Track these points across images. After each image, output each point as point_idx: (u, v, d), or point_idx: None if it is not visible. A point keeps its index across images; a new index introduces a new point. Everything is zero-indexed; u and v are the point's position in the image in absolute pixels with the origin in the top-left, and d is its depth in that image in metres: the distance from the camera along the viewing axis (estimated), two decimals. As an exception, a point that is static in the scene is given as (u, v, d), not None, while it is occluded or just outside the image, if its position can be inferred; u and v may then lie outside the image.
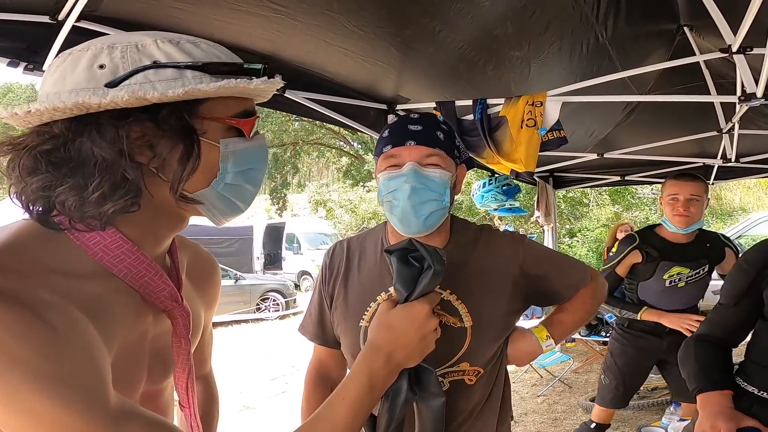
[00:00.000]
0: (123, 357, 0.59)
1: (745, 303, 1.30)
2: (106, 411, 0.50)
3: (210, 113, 0.59)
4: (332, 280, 1.11)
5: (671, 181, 2.25)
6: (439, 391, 0.83)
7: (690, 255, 2.26)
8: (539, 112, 2.11)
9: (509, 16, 1.78)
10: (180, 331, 0.66)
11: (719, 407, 1.17)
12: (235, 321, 9.17)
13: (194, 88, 0.55)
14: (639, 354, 2.43)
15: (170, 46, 0.57)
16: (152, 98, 0.53)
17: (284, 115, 14.86)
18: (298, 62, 1.97)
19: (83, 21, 1.38)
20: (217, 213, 0.64)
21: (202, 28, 1.59)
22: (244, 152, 0.63)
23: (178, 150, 0.57)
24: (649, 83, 2.69)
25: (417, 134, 0.98)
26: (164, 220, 0.63)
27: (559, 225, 12.01)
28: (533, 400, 4.24)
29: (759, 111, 2.61)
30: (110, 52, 0.56)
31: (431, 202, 0.97)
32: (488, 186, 4.15)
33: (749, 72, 1.75)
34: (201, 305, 0.79)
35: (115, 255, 0.58)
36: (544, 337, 1.06)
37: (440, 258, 0.78)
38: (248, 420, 4.38)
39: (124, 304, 0.60)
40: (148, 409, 0.59)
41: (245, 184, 0.65)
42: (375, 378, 0.71)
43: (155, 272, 0.62)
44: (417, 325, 0.75)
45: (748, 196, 13.80)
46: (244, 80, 0.58)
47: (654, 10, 2.07)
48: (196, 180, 0.60)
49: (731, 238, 2.51)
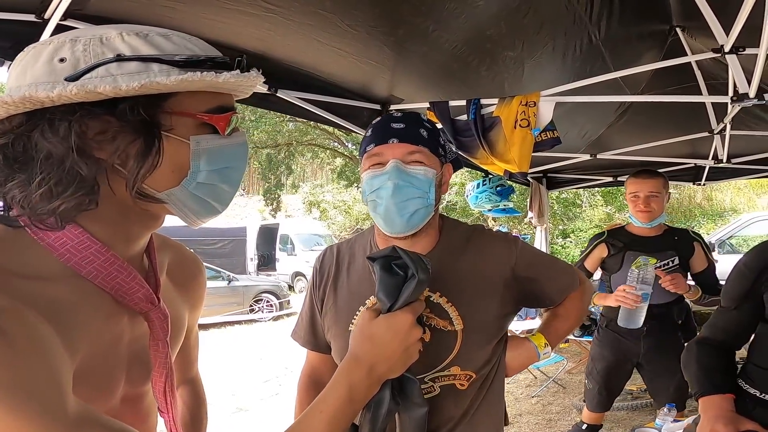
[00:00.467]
0: (94, 361, 0.57)
1: (746, 306, 1.30)
2: (63, 418, 0.48)
3: (178, 108, 0.57)
4: (322, 285, 1.10)
5: (632, 179, 2.37)
6: (422, 401, 0.81)
7: (656, 246, 2.35)
8: (533, 113, 2.11)
9: (503, 16, 1.78)
10: (157, 333, 0.64)
11: (720, 411, 1.17)
12: (228, 322, 9.12)
13: (152, 81, 0.52)
14: (617, 359, 2.48)
15: (136, 39, 0.55)
16: (105, 92, 0.51)
17: (278, 116, 14.81)
18: (291, 62, 1.95)
19: (69, 19, 1.36)
20: (190, 213, 0.61)
21: (192, 27, 1.57)
22: (218, 150, 0.60)
23: (137, 145, 0.55)
24: (641, 84, 2.70)
25: (400, 132, 0.97)
26: (135, 218, 0.61)
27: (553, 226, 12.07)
28: (527, 401, 4.25)
29: (750, 112, 2.63)
30: (72, 45, 0.54)
31: (415, 200, 0.95)
32: (482, 187, 4.15)
33: (741, 72, 1.76)
34: (184, 307, 0.77)
35: (84, 256, 0.56)
36: (542, 344, 1.06)
37: (425, 266, 0.76)
38: (241, 422, 4.35)
39: (93, 307, 0.58)
40: (130, 414, 0.57)
41: (221, 184, 0.62)
42: (355, 391, 0.69)
43: (128, 273, 0.59)
44: (400, 336, 0.72)
45: (739, 197, 13.94)
46: (210, 74, 0.54)
47: (646, 11, 2.07)
48: (163, 178, 0.57)
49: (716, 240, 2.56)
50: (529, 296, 1.08)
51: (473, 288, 1.01)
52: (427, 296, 1.00)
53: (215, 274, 9.90)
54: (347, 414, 0.68)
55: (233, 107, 0.63)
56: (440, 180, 1.01)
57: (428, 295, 1.00)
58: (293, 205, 21.90)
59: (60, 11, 1.31)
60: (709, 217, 13.28)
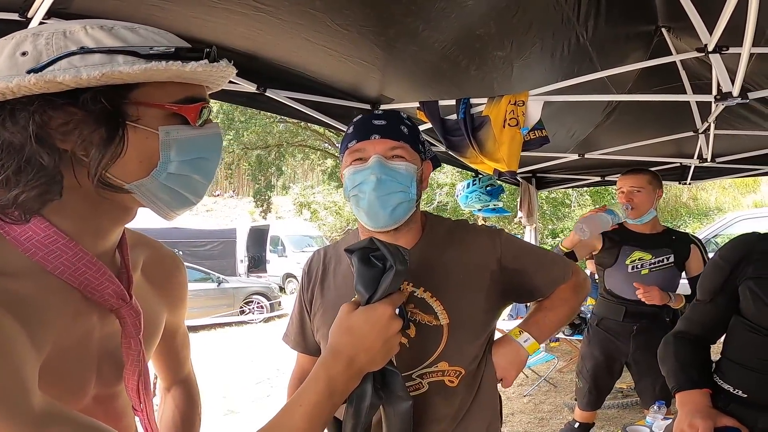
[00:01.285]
0: (62, 358, 0.56)
1: (721, 299, 1.30)
2: (27, 413, 0.47)
3: (145, 99, 0.57)
4: (310, 287, 1.11)
5: (620, 177, 2.49)
6: (405, 395, 0.80)
7: (652, 243, 2.40)
8: (521, 112, 2.12)
9: (492, 16, 1.79)
10: (129, 331, 0.63)
11: (697, 406, 1.17)
12: (218, 324, 9.06)
13: (113, 71, 0.52)
14: (606, 358, 2.50)
15: (101, 32, 0.55)
16: (65, 81, 0.51)
17: (268, 117, 14.75)
18: (281, 61, 1.94)
19: (53, 18, 1.34)
20: (162, 205, 0.61)
21: (180, 26, 1.56)
22: (190, 141, 0.60)
23: (99, 134, 0.55)
24: (627, 84, 2.73)
25: (381, 128, 0.98)
26: (104, 211, 0.60)
27: (542, 225, 12.15)
28: (519, 400, 4.27)
29: (734, 111, 2.67)
30: (35, 39, 0.54)
31: (398, 194, 0.96)
32: (472, 186, 4.17)
33: (725, 71, 1.78)
34: (161, 306, 0.76)
35: (50, 251, 0.56)
36: (516, 333, 1.05)
37: (402, 257, 0.75)
38: (232, 424, 4.32)
39: (60, 304, 0.57)
40: (102, 414, 0.56)
41: (193, 175, 0.61)
42: (334, 384, 0.68)
43: (97, 269, 0.59)
44: (379, 327, 0.71)
45: (723, 196, 14.15)
46: (176, 63, 0.54)
47: (633, 11, 2.10)
48: (131, 168, 0.57)
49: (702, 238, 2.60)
50: (519, 289, 1.08)
51: (458, 282, 1.01)
52: (411, 291, 1.00)
53: (205, 276, 9.83)
54: (327, 407, 0.67)
55: (204, 98, 0.63)
56: (421, 176, 1.02)
57: (412, 290, 1.00)
58: (284, 207, 21.82)
59: (43, 10, 1.29)
60: (695, 216, 13.46)
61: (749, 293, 1.22)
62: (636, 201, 2.36)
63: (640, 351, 2.41)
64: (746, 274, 1.23)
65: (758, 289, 1.20)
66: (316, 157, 19.80)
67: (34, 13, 1.31)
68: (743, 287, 1.24)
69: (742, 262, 1.25)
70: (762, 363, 1.19)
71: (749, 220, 7.79)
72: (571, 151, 3.71)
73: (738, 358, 1.24)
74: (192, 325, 8.59)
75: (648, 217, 2.41)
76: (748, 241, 1.28)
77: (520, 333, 1.05)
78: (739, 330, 1.26)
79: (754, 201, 13.32)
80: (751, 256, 1.24)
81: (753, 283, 1.21)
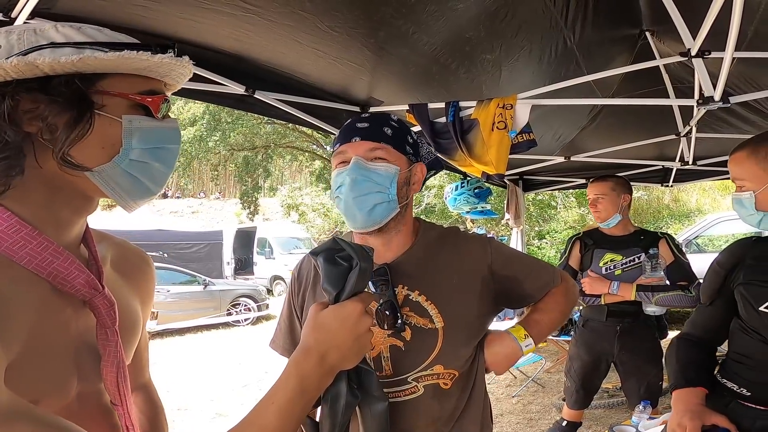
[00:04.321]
0: (38, 354, 0.55)
1: (719, 302, 1.36)
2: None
3: (111, 88, 0.60)
4: (301, 292, 1.11)
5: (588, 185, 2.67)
6: (381, 395, 0.80)
7: (622, 244, 2.53)
8: (509, 115, 2.14)
9: (481, 20, 1.80)
10: (104, 321, 0.63)
11: (688, 405, 1.20)
12: (205, 327, 8.97)
13: (90, 56, 0.55)
14: (592, 359, 2.57)
15: (71, 30, 0.58)
16: (43, 65, 0.53)
17: (256, 118, 14.64)
18: (269, 63, 1.93)
19: (37, 18, 1.32)
20: (122, 192, 0.62)
21: (167, 27, 1.54)
22: (151, 130, 0.63)
23: (67, 115, 0.57)
24: (612, 87, 2.77)
25: (362, 130, 0.99)
26: (64, 200, 0.61)
27: (529, 227, 12.25)
28: (508, 401, 4.30)
29: (715, 115, 2.72)
30: (7, 35, 0.56)
31: (374, 195, 0.96)
32: (461, 189, 4.19)
33: (707, 75, 1.81)
34: (135, 299, 0.76)
35: (14, 240, 0.56)
36: (522, 336, 1.04)
37: (366, 255, 0.75)
38: (220, 427, 4.27)
39: (28, 295, 0.56)
40: (88, 412, 0.55)
41: (154, 162, 0.64)
42: (307, 381, 0.68)
43: (64, 258, 0.59)
44: (349, 324, 0.71)
45: (704, 198, 14.40)
46: (146, 53, 0.58)
47: (618, 14, 2.13)
48: (93, 153, 0.59)
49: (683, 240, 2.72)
50: (510, 295, 1.09)
51: (452, 286, 1.02)
52: (406, 294, 1.00)
53: (191, 278, 9.72)
54: (299, 405, 0.67)
55: (164, 93, 0.66)
56: (407, 178, 1.02)
57: (407, 293, 1.00)
58: (271, 209, 21.68)
59: (27, 10, 1.27)
60: (677, 217, 13.67)
61: (740, 297, 1.27)
62: (600, 207, 2.53)
63: (625, 351, 2.47)
64: (739, 279, 1.29)
65: (747, 294, 1.25)
66: (304, 158, 19.71)
67: (18, 13, 1.29)
68: (737, 291, 1.29)
69: (736, 267, 1.30)
70: (758, 362, 1.23)
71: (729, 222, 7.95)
72: (557, 153, 3.75)
73: (739, 357, 1.29)
74: (178, 328, 8.48)
75: (614, 221, 2.53)
76: (742, 247, 1.34)
77: (525, 337, 1.05)
78: (738, 331, 1.31)
79: (734, 203, 13.64)
80: (744, 262, 1.29)
81: (743, 288, 1.27)
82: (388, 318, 0.96)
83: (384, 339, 1.00)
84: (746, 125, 2.92)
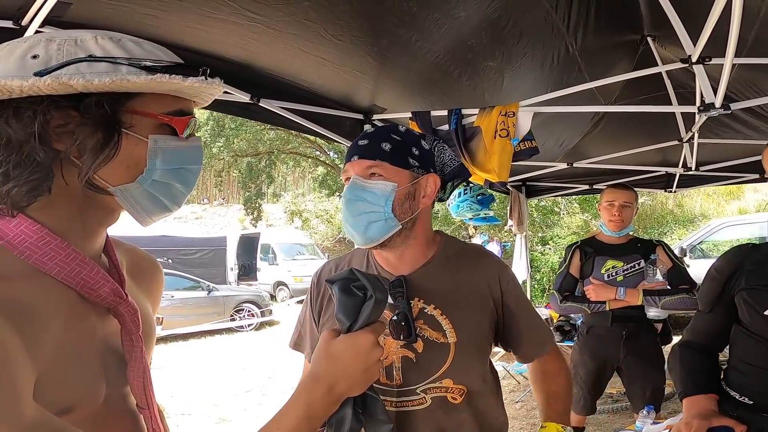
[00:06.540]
0: (68, 362, 0.56)
1: (719, 309, 1.36)
2: (18, 421, 0.47)
3: (141, 108, 0.60)
4: (319, 299, 1.12)
5: (609, 189, 2.59)
6: (386, 418, 0.81)
7: (622, 251, 2.55)
8: (512, 123, 2.15)
9: (484, 27, 1.82)
10: (129, 328, 0.64)
11: (700, 409, 1.21)
12: (208, 332, 8.97)
13: (122, 79, 0.55)
14: (597, 365, 2.56)
15: (109, 43, 0.58)
16: (76, 85, 0.53)
17: (259, 124, 14.70)
18: (274, 71, 1.95)
19: (48, 27, 1.34)
20: (141, 210, 0.63)
21: (173, 36, 1.57)
22: (175, 151, 0.63)
23: (95, 138, 0.57)
24: (614, 94, 2.78)
25: (361, 149, 1.00)
26: (91, 213, 0.62)
27: (532, 233, 12.21)
28: (512, 407, 4.28)
29: (717, 120, 2.73)
30: (47, 44, 0.56)
31: (368, 214, 0.97)
32: (463, 196, 4.19)
33: (708, 82, 1.82)
34: (149, 305, 0.78)
35: (44, 252, 0.57)
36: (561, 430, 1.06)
37: (382, 286, 0.76)
38: (223, 435, 4.27)
39: (57, 304, 0.57)
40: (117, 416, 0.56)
41: (175, 183, 0.64)
42: (314, 409, 0.70)
43: (91, 268, 0.60)
44: (362, 357, 0.73)
45: (708, 203, 14.33)
46: (178, 77, 0.58)
47: (620, 20, 2.14)
48: (118, 172, 0.59)
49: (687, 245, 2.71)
50: (505, 331, 1.08)
51: (468, 303, 1.03)
52: (422, 308, 1.02)
53: (195, 284, 9.73)
54: (304, 430, 0.69)
55: (192, 112, 0.66)
56: (410, 192, 0.99)
57: (423, 306, 1.02)
58: (274, 215, 21.70)
59: (39, 18, 1.30)
60: (681, 223, 13.60)
61: (743, 303, 1.27)
62: (624, 216, 2.49)
63: (630, 356, 2.47)
64: (740, 285, 1.29)
65: (751, 300, 1.25)
66: (307, 164, 19.77)
67: (29, 22, 1.31)
68: (738, 298, 1.29)
69: (736, 273, 1.30)
70: (762, 369, 1.23)
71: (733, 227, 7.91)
72: (560, 160, 3.76)
73: (741, 366, 1.29)
74: (182, 333, 8.49)
75: (627, 230, 2.54)
76: (741, 253, 1.34)
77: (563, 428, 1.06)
78: (740, 338, 1.31)
79: (739, 208, 13.53)
80: (743, 268, 1.29)
81: (746, 293, 1.27)
82: (402, 329, 0.97)
83: (396, 349, 1.01)
84: (750, 130, 2.92)
